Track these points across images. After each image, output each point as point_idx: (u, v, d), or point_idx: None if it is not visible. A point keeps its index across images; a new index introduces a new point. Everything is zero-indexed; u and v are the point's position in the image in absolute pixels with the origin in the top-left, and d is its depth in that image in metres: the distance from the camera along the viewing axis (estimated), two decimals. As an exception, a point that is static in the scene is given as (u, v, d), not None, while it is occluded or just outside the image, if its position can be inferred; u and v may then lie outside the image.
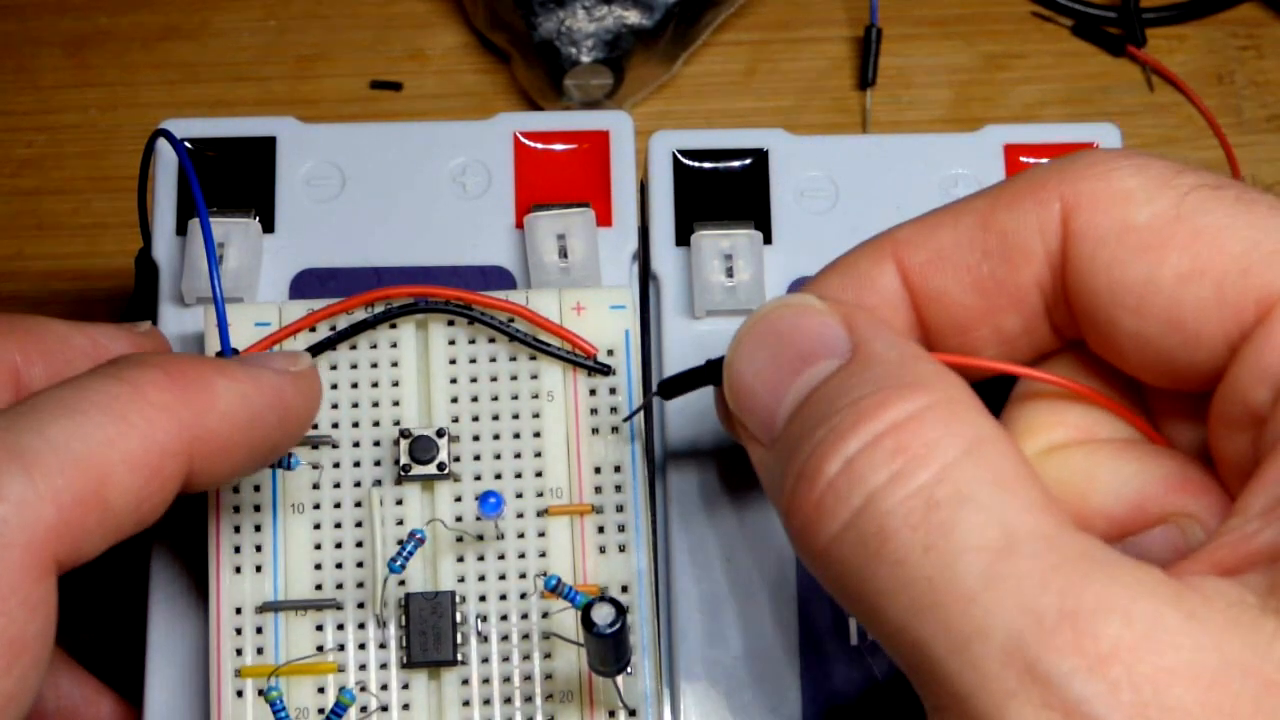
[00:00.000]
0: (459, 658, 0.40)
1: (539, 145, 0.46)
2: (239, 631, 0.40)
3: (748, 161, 0.46)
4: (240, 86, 0.60)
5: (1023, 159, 0.47)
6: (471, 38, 0.61)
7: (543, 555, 0.41)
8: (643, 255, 0.46)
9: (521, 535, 0.41)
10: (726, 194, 0.46)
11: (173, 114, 0.47)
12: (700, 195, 0.46)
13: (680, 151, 0.46)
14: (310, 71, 0.60)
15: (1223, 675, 0.29)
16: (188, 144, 0.45)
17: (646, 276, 0.46)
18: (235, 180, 0.46)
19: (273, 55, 0.60)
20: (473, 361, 0.42)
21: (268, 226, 0.45)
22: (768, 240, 0.45)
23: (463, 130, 0.47)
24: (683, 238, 0.45)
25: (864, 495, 0.31)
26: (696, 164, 0.46)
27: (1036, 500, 0.31)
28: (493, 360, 0.42)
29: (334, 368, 0.42)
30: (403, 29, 0.61)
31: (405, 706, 0.40)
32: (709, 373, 0.38)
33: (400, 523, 0.41)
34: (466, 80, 0.61)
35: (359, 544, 0.41)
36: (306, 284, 0.45)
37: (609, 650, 0.38)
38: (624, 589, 0.41)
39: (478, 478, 0.41)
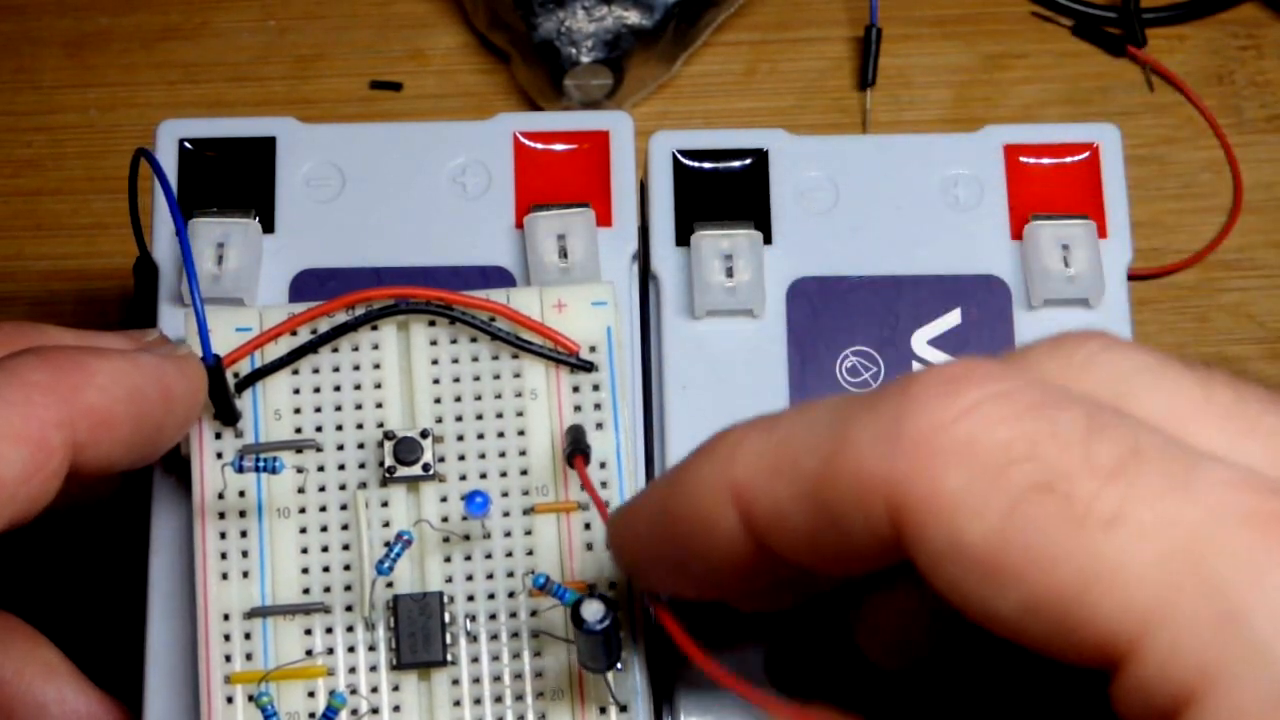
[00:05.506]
0: (449, 658, 0.40)
1: (539, 145, 0.46)
2: (227, 638, 0.40)
3: (747, 162, 0.46)
4: (240, 87, 0.60)
5: (1022, 159, 0.47)
6: (471, 38, 0.61)
7: (530, 553, 0.41)
8: (643, 255, 0.46)
9: (508, 534, 0.41)
10: (726, 194, 0.46)
11: (172, 114, 0.47)
12: (700, 195, 0.46)
13: (680, 151, 0.46)
14: (310, 71, 0.60)
15: None
16: (188, 143, 0.46)
17: (646, 276, 0.46)
18: (235, 180, 0.46)
19: (272, 55, 0.60)
20: (455, 362, 0.42)
21: (268, 227, 0.45)
22: (768, 240, 0.45)
23: (463, 130, 0.47)
24: (683, 238, 0.45)
25: None
26: (696, 164, 0.46)
27: None
28: (475, 360, 0.42)
29: (316, 371, 0.42)
30: (403, 29, 0.61)
31: (396, 708, 0.40)
32: None
33: (387, 524, 0.41)
34: (466, 80, 0.60)
35: (346, 547, 0.41)
36: (306, 284, 0.45)
37: (599, 647, 0.38)
38: (612, 585, 0.41)
39: (463, 478, 0.41)
